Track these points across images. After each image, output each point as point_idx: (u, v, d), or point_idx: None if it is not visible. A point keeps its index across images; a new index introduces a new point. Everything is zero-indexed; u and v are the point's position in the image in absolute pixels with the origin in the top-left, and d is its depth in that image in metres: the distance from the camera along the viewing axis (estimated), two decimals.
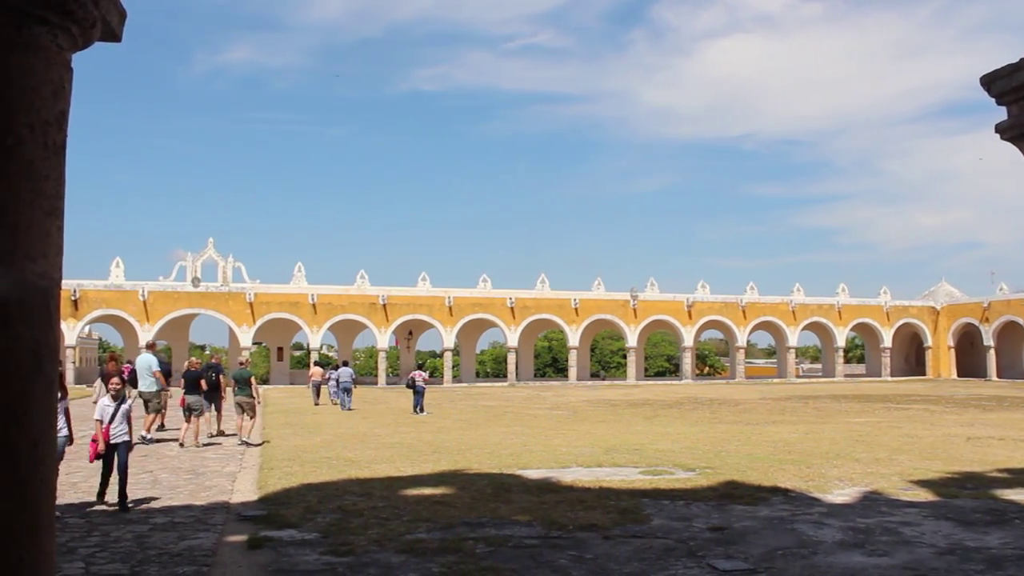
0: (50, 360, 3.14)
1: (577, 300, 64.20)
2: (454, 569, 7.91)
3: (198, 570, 7.94)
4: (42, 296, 3.10)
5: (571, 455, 16.76)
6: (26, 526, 2.97)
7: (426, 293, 61.77)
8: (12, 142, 3.02)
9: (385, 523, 9.96)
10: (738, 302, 67.59)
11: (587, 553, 8.58)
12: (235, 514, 10.75)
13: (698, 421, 26.58)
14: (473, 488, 12.45)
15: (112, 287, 55.89)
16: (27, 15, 3.04)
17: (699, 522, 10.08)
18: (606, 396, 43.22)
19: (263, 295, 58.32)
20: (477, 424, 25.62)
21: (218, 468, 15.18)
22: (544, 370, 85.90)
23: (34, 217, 3.08)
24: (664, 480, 13.30)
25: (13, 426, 2.95)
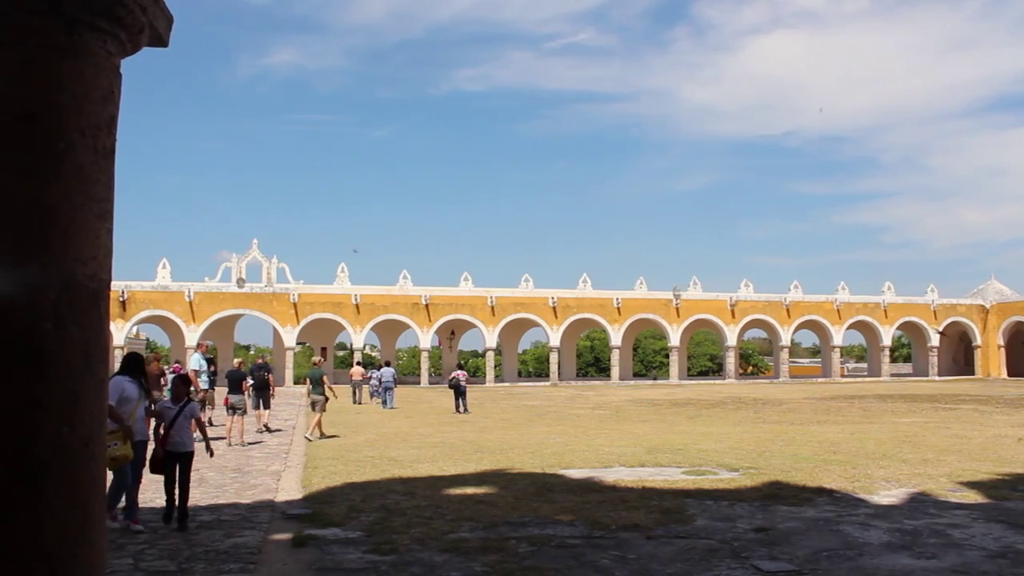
0: (100, 361, 3.20)
1: (619, 299, 63.97)
2: (497, 568, 7.93)
3: (244, 567, 8.03)
4: (92, 297, 3.16)
5: (614, 455, 16.71)
6: (78, 523, 3.03)
7: (468, 293, 61.88)
8: (63, 146, 3.08)
9: (428, 522, 10.00)
10: (782, 301, 66.96)
11: (630, 553, 8.55)
12: (280, 512, 10.85)
13: (741, 421, 26.38)
14: (516, 487, 12.46)
15: (159, 288, 56.65)
16: (77, 22, 3.10)
17: (743, 523, 10.00)
18: (648, 396, 43.03)
19: (307, 296, 58.78)
20: (519, 424, 25.62)
21: (263, 467, 15.33)
22: (586, 370, 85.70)
23: (84, 220, 3.13)
24: (707, 480, 13.21)
25: (65, 426, 3.01)
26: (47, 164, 3.05)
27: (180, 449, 10.07)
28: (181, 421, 10.16)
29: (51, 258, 3.03)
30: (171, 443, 10.03)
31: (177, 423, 10.11)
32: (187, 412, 10.27)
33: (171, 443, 10.03)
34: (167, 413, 10.21)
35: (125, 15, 3.21)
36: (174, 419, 10.14)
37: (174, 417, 10.15)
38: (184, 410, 10.25)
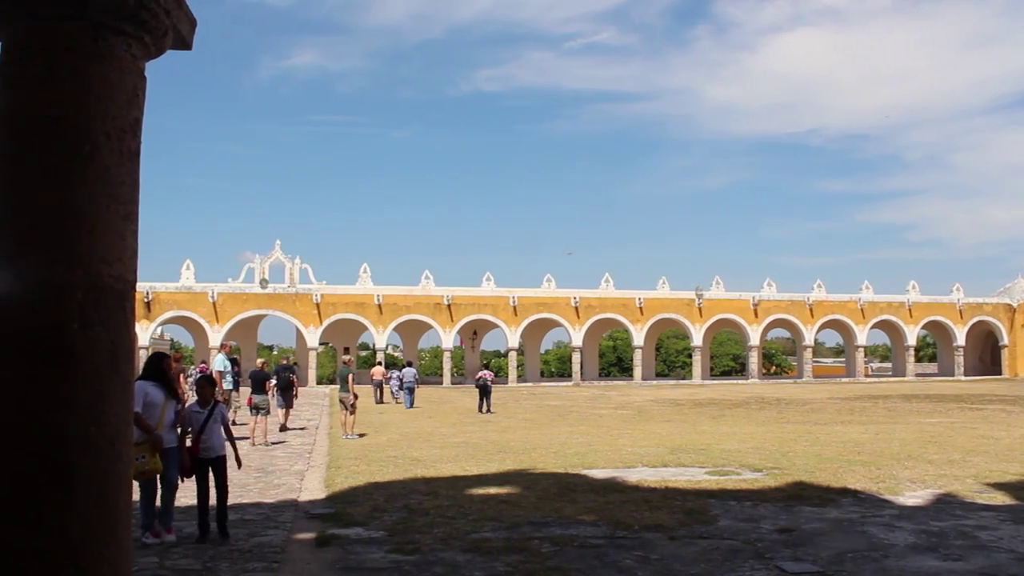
0: (126, 361, 3.23)
1: (642, 299, 63.83)
2: (520, 568, 7.93)
3: (268, 566, 8.07)
4: (118, 298, 3.19)
5: (636, 455, 16.68)
6: (105, 521, 3.06)
7: (490, 293, 61.92)
8: (89, 149, 3.11)
9: (451, 522, 10.01)
10: (805, 300, 66.61)
11: (653, 554, 8.53)
12: (303, 512, 10.89)
13: (765, 421, 26.26)
14: (538, 487, 12.46)
15: (183, 289, 57.02)
16: (103, 26, 3.13)
17: (767, 523, 9.96)
18: (671, 396, 42.91)
19: (329, 296, 59.00)
20: (542, 424, 25.62)
21: (287, 466, 15.40)
22: (609, 370, 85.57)
23: (110, 221, 3.16)
24: (731, 480, 13.16)
25: (92, 425, 3.04)
26: (73, 166, 3.08)
27: (211, 454, 9.51)
28: (211, 425, 9.58)
29: (77, 259, 3.06)
30: (201, 448, 9.44)
31: (207, 427, 9.54)
32: (216, 415, 9.71)
33: (201, 448, 9.44)
34: (195, 418, 9.58)
35: (149, 19, 3.24)
36: (204, 423, 9.53)
37: (204, 421, 9.55)
38: (213, 413, 9.69)
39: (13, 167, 3.10)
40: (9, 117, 3.14)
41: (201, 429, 9.50)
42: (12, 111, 3.14)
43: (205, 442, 9.49)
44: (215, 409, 9.74)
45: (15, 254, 3.07)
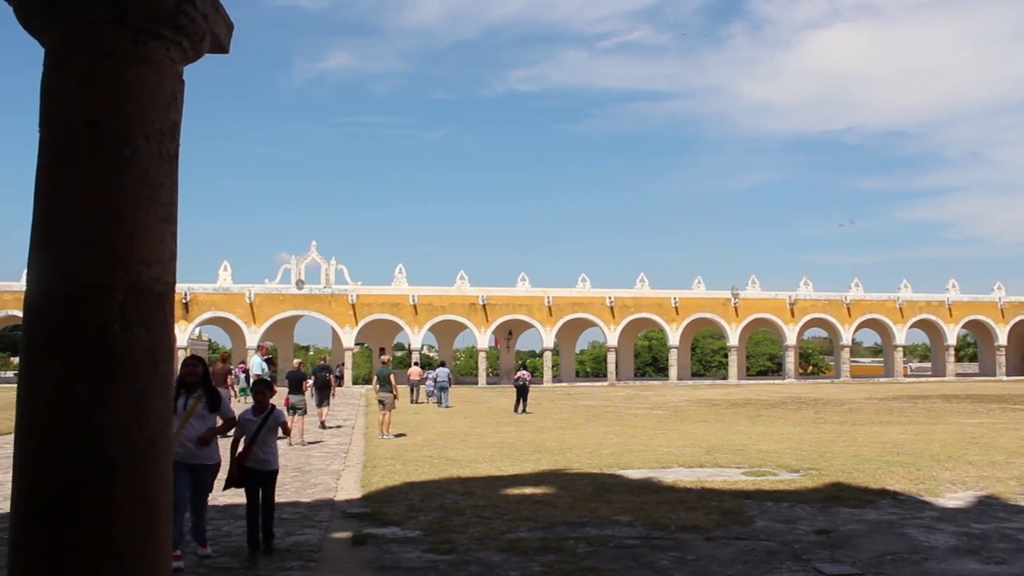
0: (166, 361, 3.27)
1: (677, 299, 63.58)
2: (555, 568, 7.92)
3: (304, 565, 8.12)
4: (158, 299, 3.23)
5: (672, 455, 16.61)
6: (145, 518, 3.10)
7: (525, 293, 61.94)
8: (129, 152, 3.15)
9: (486, 522, 10.02)
10: (842, 299, 66.01)
11: (689, 554, 8.49)
12: (340, 511, 10.95)
13: (802, 421, 26.05)
14: (574, 488, 12.45)
15: (220, 290, 57.58)
16: (142, 31, 3.17)
17: (804, 524, 9.88)
18: (707, 396, 42.69)
19: (365, 296, 59.30)
20: (577, 424, 25.58)
21: (323, 466, 15.49)
22: (644, 369, 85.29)
23: (150, 223, 3.20)
24: (767, 481, 13.07)
25: (133, 424, 3.08)
26: (114, 169, 3.12)
27: (263, 467, 8.60)
28: (265, 435, 8.67)
29: (118, 261, 3.10)
30: (252, 459, 8.56)
31: (260, 437, 8.64)
32: (271, 424, 8.78)
33: (252, 459, 8.56)
34: (248, 425, 8.68)
35: (187, 23, 3.27)
36: (256, 432, 8.66)
37: (256, 429, 8.66)
38: (268, 421, 8.75)
39: (55, 170, 3.15)
40: (52, 121, 3.19)
41: (253, 438, 8.63)
42: (54, 115, 3.19)
43: (256, 453, 8.57)
44: (270, 416, 8.81)
45: (57, 256, 3.12)
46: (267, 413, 8.80)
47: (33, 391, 3.10)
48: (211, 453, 8.25)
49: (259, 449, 8.60)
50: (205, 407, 8.17)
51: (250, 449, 8.59)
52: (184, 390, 8.11)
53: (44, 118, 3.21)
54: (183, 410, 7.96)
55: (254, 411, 8.86)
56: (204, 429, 8.13)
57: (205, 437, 8.14)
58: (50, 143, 3.18)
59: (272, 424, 8.79)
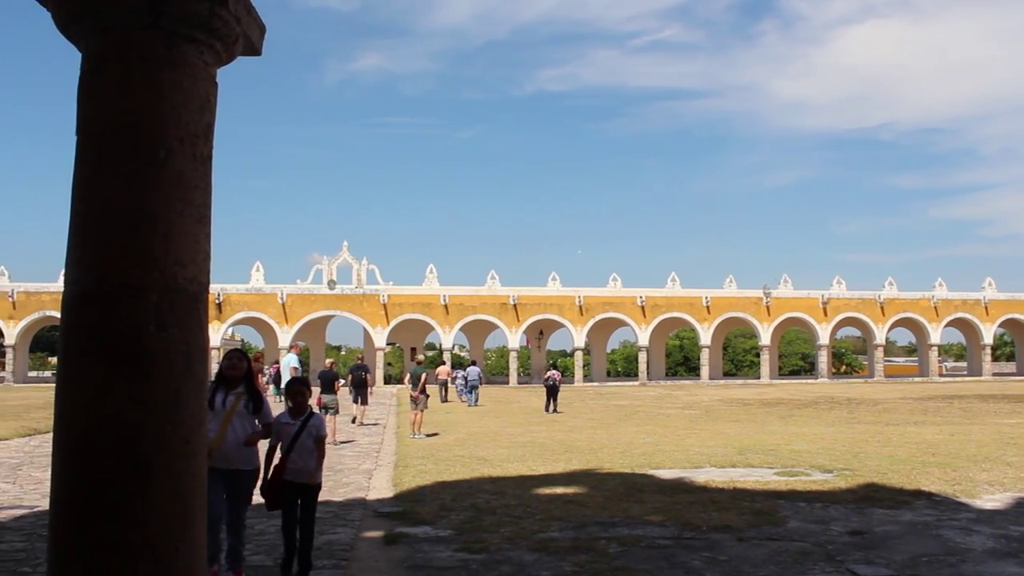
0: (200, 361, 3.30)
1: (708, 298, 63.32)
2: (586, 568, 7.92)
3: (337, 564, 8.16)
4: (192, 300, 3.27)
5: (704, 455, 16.54)
6: (180, 516, 3.14)
7: (556, 293, 61.93)
8: (163, 154, 3.19)
9: (518, 521, 10.03)
10: (876, 298, 65.41)
11: (721, 555, 8.46)
12: (372, 510, 11.00)
13: (835, 421, 25.85)
14: (605, 487, 12.43)
15: (253, 290, 58.04)
16: (176, 34, 3.21)
17: (837, 525, 9.80)
18: (739, 395, 42.46)
19: (396, 296, 59.54)
20: (608, 423, 25.54)
21: (355, 465, 15.56)
22: (675, 369, 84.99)
23: (184, 225, 3.24)
24: (800, 481, 12.98)
25: (168, 424, 3.12)
26: (149, 172, 3.16)
27: (302, 479, 7.54)
28: (304, 440, 7.57)
29: (153, 262, 3.14)
30: (290, 470, 7.51)
31: (299, 443, 7.55)
32: (311, 429, 7.66)
33: (290, 470, 7.51)
34: (284, 430, 7.65)
35: (220, 27, 3.31)
36: (295, 438, 7.57)
37: (295, 435, 7.58)
38: (307, 426, 7.66)
39: (92, 173, 3.20)
40: (88, 124, 3.23)
41: (291, 445, 7.55)
42: (91, 119, 3.23)
43: (295, 462, 7.51)
44: (309, 420, 7.68)
45: (94, 257, 3.16)
46: (306, 416, 7.70)
47: (70, 390, 3.14)
48: (249, 457, 7.36)
49: (298, 457, 7.50)
50: (245, 406, 7.30)
51: (287, 457, 7.50)
52: (223, 386, 7.31)
53: (81, 122, 3.25)
54: (222, 407, 7.13)
55: (291, 414, 7.72)
56: (243, 430, 7.26)
57: (253, 439, 7.35)
58: (87, 146, 3.23)
59: (312, 429, 7.66)
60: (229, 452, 7.13)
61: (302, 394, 7.91)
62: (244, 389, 7.40)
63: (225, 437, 7.14)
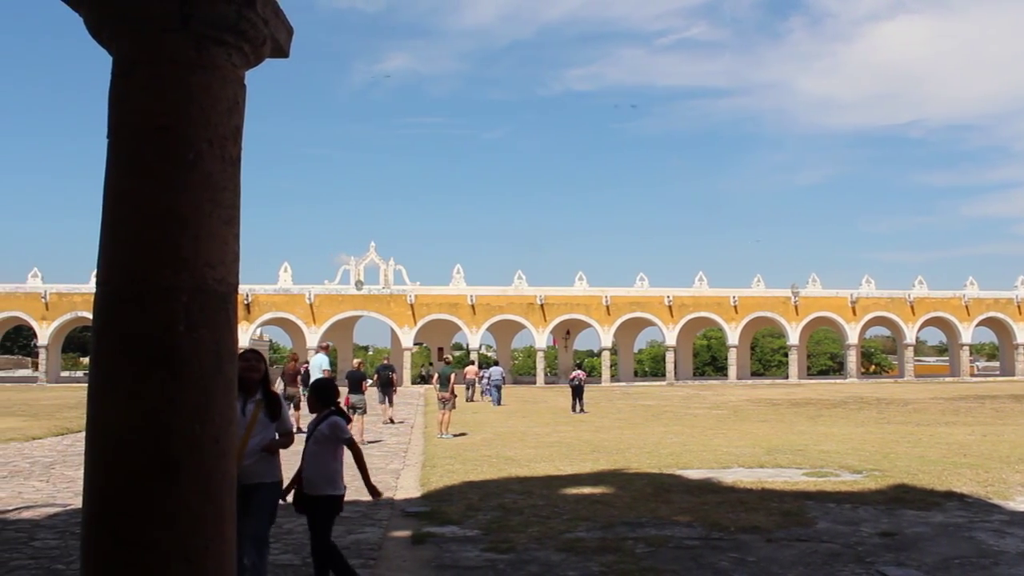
0: (229, 361, 3.33)
1: (736, 298, 63.04)
2: (614, 569, 7.91)
3: (365, 563, 8.19)
4: (221, 300, 3.29)
5: (732, 455, 16.47)
6: (210, 516, 3.16)
7: (583, 293, 61.88)
8: (193, 156, 3.22)
9: (545, 521, 10.03)
10: (906, 297, 64.87)
11: (749, 556, 8.42)
12: (399, 510, 11.04)
13: (864, 421, 25.66)
14: (632, 488, 12.40)
15: (281, 291, 58.38)
16: (205, 37, 3.23)
17: (867, 527, 9.73)
18: (767, 395, 42.25)
19: (423, 297, 59.69)
20: (636, 423, 25.49)
21: (382, 465, 15.61)
22: (703, 369, 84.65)
23: (213, 226, 3.27)
24: (829, 482, 12.90)
25: (197, 423, 3.14)
26: (179, 174, 3.19)
27: (310, 490, 6.76)
28: (315, 447, 6.79)
29: (183, 263, 3.17)
30: (304, 480, 6.82)
31: (309, 449, 6.81)
32: (324, 433, 6.82)
33: (304, 480, 6.82)
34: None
35: (249, 29, 3.33)
36: (305, 443, 6.88)
37: (305, 440, 6.91)
38: (317, 430, 6.85)
39: (123, 175, 3.23)
40: (119, 128, 3.27)
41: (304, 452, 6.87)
42: (121, 122, 3.27)
43: (308, 471, 6.77)
44: (324, 421, 6.89)
45: (125, 259, 3.20)
46: (322, 416, 6.93)
47: (102, 390, 3.18)
48: (272, 469, 6.52)
49: (306, 465, 6.76)
50: (266, 414, 6.49)
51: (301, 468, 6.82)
52: (242, 392, 6.02)
53: (112, 124, 3.29)
54: (243, 416, 6.24)
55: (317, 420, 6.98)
56: (265, 442, 6.47)
57: (272, 446, 6.49)
58: (118, 148, 3.26)
59: (322, 435, 6.80)
60: (252, 465, 6.28)
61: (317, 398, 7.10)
62: (262, 395, 6.54)
63: (248, 450, 6.27)
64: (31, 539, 9.22)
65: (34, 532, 9.59)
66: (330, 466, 6.78)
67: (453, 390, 22.58)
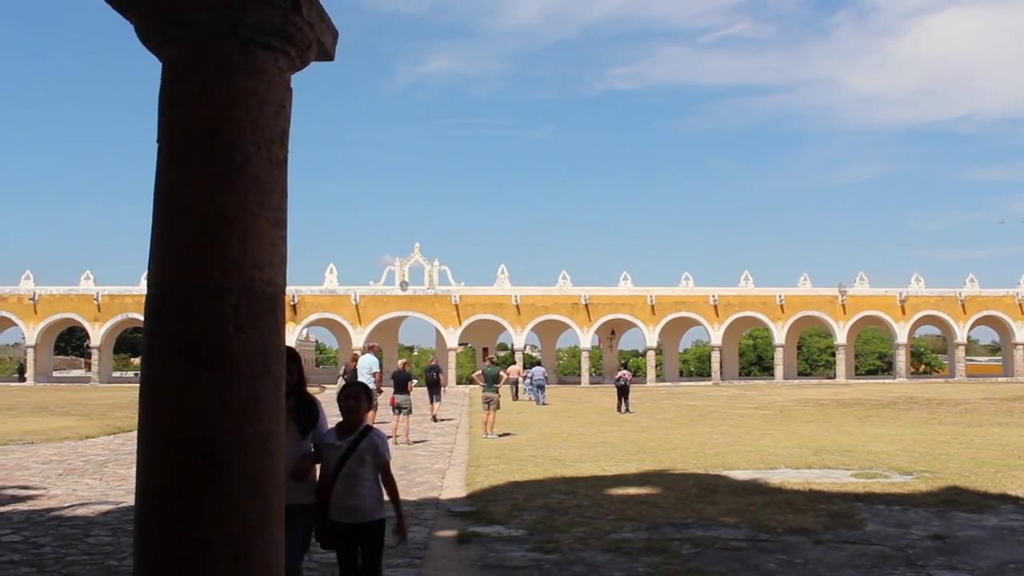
0: (277, 362, 3.37)
1: (782, 297, 62.45)
2: (660, 570, 7.87)
3: (411, 563, 8.23)
4: (269, 301, 3.33)
5: (779, 456, 16.33)
6: (258, 515, 3.20)
7: (628, 292, 61.69)
8: (241, 159, 3.26)
9: (590, 522, 10.01)
10: (956, 295, 63.82)
11: (797, 558, 8.34)
12: (445, 510, 11.08)
13: (914, 422, 25.29)
14: (678, 488, 12.34)
15: (327, 292, 58.89)
16: (252, 42, 3.28)
17: (918, 529, 9.59)
18: (814, 395, 41.80)
19: (468, 297, 59.87)
20: (681, 423, 25.36)
21: (428, 465, 15.68)
22: (749, 369, 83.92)
23: (261, 228, 3.31)
24: (878, 483, 12.73)
25: (246, 423, 3.18)
26: (227, 176, 3.24)
27: (351, 518, 5.65)
28: (354, 468, 5.62)
29: (231, 265, 3.21)
30: (335, 507, 5.63)
31: (346, 471, 5.61)
32: (364, 452, 5.65)
33: (335, 507, 5.63)
34: (328, 453, 5.68)
35: (295, 33, 3.37)
36: (340, 462, 5.62)
37: (340, 460, 5.62)
38: (357, 448, 5.63)
39: (172, 179, 3.28)
40: (169, 131, 3.32)
41: (335, 474, 5.63)
42: (171, 126, 3.32)
43: (340, 497, 5.61)
44: (362, 440, 5.67)
45: (174, 261, 3.25)
46: (357, 435, 5.68)
47: (154, 390, 3.23)
48: (305, 489, 5.54)
49: (344, 490, 5.60)
50: (298, 425, 5.45)
51: (331, 491, 5.63)
52: None
53: (162, 129, 3.34)
54: None
55: (338, 431, 5.73)
56: (297, 456, 5.40)
57: (299, 469, 5.41)
58: (167, 152, 3.32)
59: (364, 452, 5.66)
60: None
61: (356, 404, 5.86)
62: (295, 403, 5.36)
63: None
64: (86, 535, 9.39)
65: (88, 528, 9.76)
66: (377, 486, 5.78)
67: (498, 390, 22.71)
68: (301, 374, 5.52)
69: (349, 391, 5.91)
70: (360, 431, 5.69)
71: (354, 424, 5.73)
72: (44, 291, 60.35)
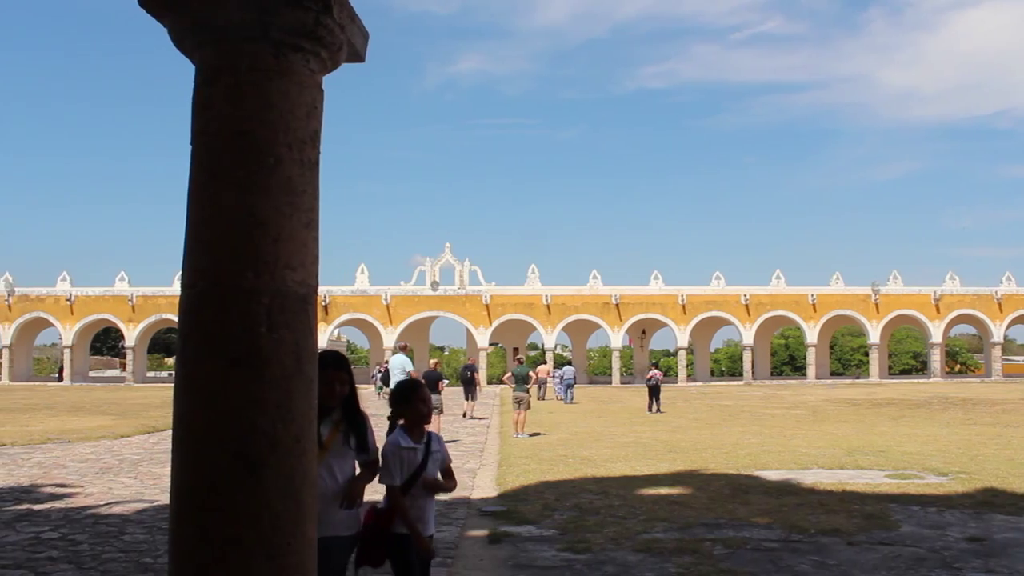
0: (309, 362, 3.39)
1: (814, 296, 62.01)
2: (691, 570, 7.85)
3: (442, 562, 8.25)
4: (301, 302, 3.35)
5: (811, 456, 16.21)
6: (291, 514, 3.23)
7: (658, 292, 61.50)
8: (273, 161, 3.28)
9: (622, 522, 10.00)
10: (992, 294, 63.04)
11: (830, 559, 8.28)
12: (476, 509, 11.10)
13: (949, 422, 25.02)
14: (710, 488, 12.29)
15: (358, 292, 59.18)
16: (283, 44, 3.30)
17: (954, 531, 9.48)
18: (847, 395, 41.46)
19: (498, 297, 59.93)
20: (713, 423, 25.24)
21: (459, 464, 15.68)
22: (781, 369, 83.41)
23: (293, 229, 3.33)
24: (913, 485, 12.61)
25: (279, 423, 3.21)
26: (259, 178, 3.26)
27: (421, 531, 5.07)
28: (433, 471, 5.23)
29: (264, 266, 3.23)
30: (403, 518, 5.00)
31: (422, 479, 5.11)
32: (436, 456, 5.23)
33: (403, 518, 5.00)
34: (406, 456, 5.08)
35: (326, 35, 3.39)
36: (416, 473, 5.07)
37: (418, 469, 5.09)
38: (431, 452, 5.18)
39: (206, 180, 3.31)
40: (202, 133, 3.35)
41: (410, 481, 5.05)
42: (204, 128, 3.35)
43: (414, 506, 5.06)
44: (432, 443, 5.24)
45: (208, 262, 3.27)
46: (427, 439, 5.22)
47: (188, 390, 3.26)
48: (350, 520, 4.80)
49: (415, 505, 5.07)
50: (346, 441, 4.77)
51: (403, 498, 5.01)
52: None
53: (195, 131, 3.37)
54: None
55: (407, 433, 5.16)
56: (343, 478, 4.75)
57: (352, 492, 4.77)
58: (200, 154, 3.34)
59: (437, 456, 5.25)
60: (325, 510, 4.32)
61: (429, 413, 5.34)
62: (343, 415, 4.79)
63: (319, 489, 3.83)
64: (121, 533, 9.51)
65: (124, 526, 9.88)
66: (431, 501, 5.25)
67: (528, 390, 22.85)
68: (352, 385, 4.81)
69: (424, 394, 5.34)
70: (427, 435, 5.24)
71: (423, 428, 5.25)
72: (80, 292, 61.14)
